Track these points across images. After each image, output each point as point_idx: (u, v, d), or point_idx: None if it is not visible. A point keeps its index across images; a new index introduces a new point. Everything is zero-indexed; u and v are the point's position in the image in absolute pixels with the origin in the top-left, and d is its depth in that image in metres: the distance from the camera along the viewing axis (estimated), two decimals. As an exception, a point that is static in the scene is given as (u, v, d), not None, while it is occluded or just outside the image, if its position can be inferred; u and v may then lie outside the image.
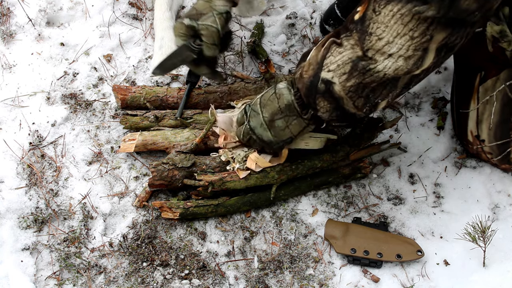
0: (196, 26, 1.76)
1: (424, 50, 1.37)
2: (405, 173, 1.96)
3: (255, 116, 1.71)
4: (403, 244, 1.78)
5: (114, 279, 1.73)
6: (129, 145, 1.90)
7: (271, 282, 1.74)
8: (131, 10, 2.32)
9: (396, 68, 1.41)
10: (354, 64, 1.44)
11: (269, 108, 1.68)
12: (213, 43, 1.77)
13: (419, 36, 1.34)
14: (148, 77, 2.14)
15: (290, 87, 1.65)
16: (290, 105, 1.65)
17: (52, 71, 2.14)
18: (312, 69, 1.53)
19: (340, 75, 1.47)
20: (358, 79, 1.46)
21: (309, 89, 1.56)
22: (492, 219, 1.85)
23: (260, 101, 1.70)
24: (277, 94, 1.67)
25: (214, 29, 1.76)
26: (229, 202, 1.82)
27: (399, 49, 1.37)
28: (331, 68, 1.49)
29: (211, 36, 1.76)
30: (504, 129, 1.85)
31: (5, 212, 1.81)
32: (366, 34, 1.40)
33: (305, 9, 2.35)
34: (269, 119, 1.69)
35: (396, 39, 1.36)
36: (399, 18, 1.33)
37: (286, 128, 1.69)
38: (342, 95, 1.50)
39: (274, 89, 1.68)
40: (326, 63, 1.50)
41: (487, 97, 1.84)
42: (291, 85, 1.66)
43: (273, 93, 1.68)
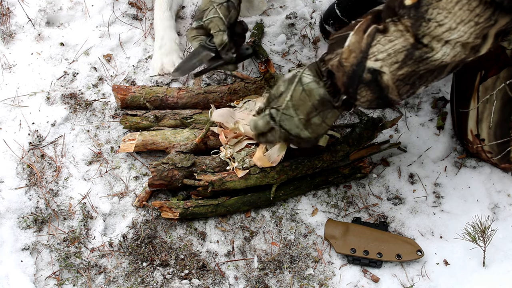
0: (203, 24, 1.76)
1: (484, 37, 1.33)
2: (405, 173, 1.96)
3: (288, 119, 1.59)
4: (403, 244, 1.78)
5: (114, 279, 1.73)
6: (129, 145, 1.90)
7: (271, 282, 1.74)
8: (131, 10, 2.32)
9: (454, 55, 1.35)
10: (409, 53, 1.37)
11: (303, 108, 1.56)
12: (219, 30, 1.74)
13: (484, 21, 1.30)
14: (148, 77, 2.14)
15: (318, 79, 1.55)
16: (324, 99, 1.54)
17: (52, 71, 2.14)
18: (354, 57, 1.44)
19: (391, 64, 1.40)
20: (412, 67, 1.39)
21: (351, 79, 1.46)
22: (492, 219, 1.85)
23: (292, 104, 1.57)
24: (306, 91, 1.55)
25: (216, 17, 1.75)
26: (229, 202, 1.82)
27: (460, 36, 1.32)
28: (379, 57, 1.40)
29: (216, 25, 1.75)
30: (504, 128, 1.85)
31: (5, 212, 1.81)
32: (423, 20, 1.33)
33: (305, 9, 2.35)
34: (305, 120, 1.57)
35: (459, 25, 1.30)
36: (466, 4, 1.28)
37: (322, 123, 1.59)
38: (390, 84, 1.43)
39: (301, 85, 1.56)
40: (373, 52, 1.40)
41: (487, 96, 1.84)
42: (317, 76, 1.55)
43: (302, 90, 1.55)
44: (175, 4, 2.28)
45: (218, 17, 1.75)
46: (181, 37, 2.25)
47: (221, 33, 1.75)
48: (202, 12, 1.77)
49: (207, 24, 1.76)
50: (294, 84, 1.57)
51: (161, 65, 2.14)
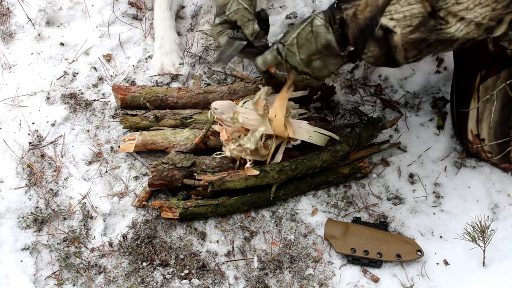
0: (227, 18, 1.73)
1: (499, 21, 1.34)
2: (405, 173, 1.96)
3: (291, 56, 1.63)
4: (403, 244, 1.78)
5: (114, 279, 1.73)
6: (128, 145, 1.90)
7: (271, 282, 1.74)
8: (131, 10, 2.32)
9: (467, 32, 1.37)
10: (424, 20, 1.39)
11: (305, 48, 1.60)
12: (248, 20, 1.72)
13: (502, 8, 1.31)
14: (148, 77, 2.14)
15: (328, 25, 1.56)
16: (329, 45, 1.56)
17: (52, 71, 2.14)
18: (369, 11, 1.45)
19: (405, 27, 1.41)
20: (423, 34, 1.41)
21: (362, 32, 1.48)
22: (491, 218, 1.85)
23: (297, 41, 1.60)
24: (314, 33, 1.57)
25: (241, 8, 1.72)
26: (228, 202, 1.82)
27: (475, 16, 1.33)
28: (395, 16, 1.41)
29: (243, 16, 1.72)
30: (504, 128, 1.85)
31: (5, 212, 1.81)
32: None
33: (305, 9, 2.35)
34: (306, 60, 1.61)
35: (477, 7, 1.32)
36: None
37: (324, 68, 1.62)
38: (399, 45, 1.44)
39: (310, 26, 1.58)
40: (390, 10, 1.42)
41: (487, 96, 1.84)
42: (329, 22, 1.56)
43: (310, 31, 1.57)
44: (175, 4, 2.28)
45: (243, 7, 1.71)
46: (181, 37, 2.25)
47: (250, 22, 1.72)
48: (223, 6, 1.73)
49: (232, 17, 1.72)
50: (304, 23, 1.60)
51: (161, 65, 2.14)
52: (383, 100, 2.11)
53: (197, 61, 2.19)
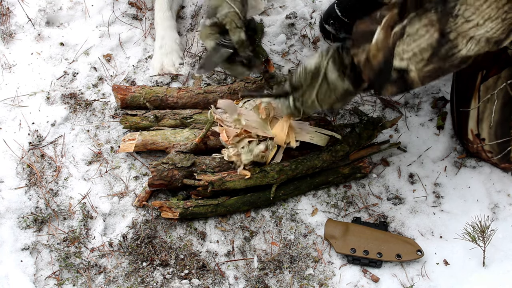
0: (217, 20, 1.71)
1: (509, 32, 1.34)
2: (405, 173, 1.96)
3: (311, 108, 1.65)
4: (403, 244, 1.78)
5: (114, 279, 1.73)
6: (128, 145, 1.90)
7: (271, 282, 1.74)
8: (130, 10, 2.32)
9: (478, 49, 1.37)
10: (435, 50, 1.38)
11: (326, 102, 1.60)
12: (236, 26, 1.70)
13: (511, 18, 1.31)
14: (148, 77, 2.14)
15: (342, 74, 1.54)
16: (347, 91, 1.57)
17: (52, 71, 2.14)
18: (382, 55, 1.44)
19: (417, 62, 1.41)
20: (438, 64, 1.40)
21: (378, 76, 1.47)
22: (491, 218, 1.85)
23: (317, 100, 1.60)
24: (330, 87, 1.57)
25: (232, 12, 1.70)
26: (228, 202, 1.82)
27: (486, 32, 1.33)
28: (405, 56, 1.41)
29: (232, 21, 1.70)
30: (505, 128, 1.85)
31: (5, 212, 1.81)
32: (450, 16, 1.33)
33: (305, 9, 2.35)
34: (328, 108, 1.66)
35: (487, 22, 1.31)
36: (494, 2, 1.29)
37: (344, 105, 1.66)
38: (415, 80, 1.44)
39: (326, 82, 1.57)
40: (398, 52, 1.41)
41: (488, 95, 1.84)
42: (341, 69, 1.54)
43: (327, 87, 1.57)
44: (176, 4, 2.28)
45: (233, 11, 1.70)
46: (181, 37, 2.25)
47: (238, 30, 1.71)
48: (215, 9, 1.72)
49: (222, 20, 1.71)
50: (319, 81, 1.57)
51: (161, 65, 2.14)
52: (383, 100, 2.11)
53: (197, 61, 2.19)
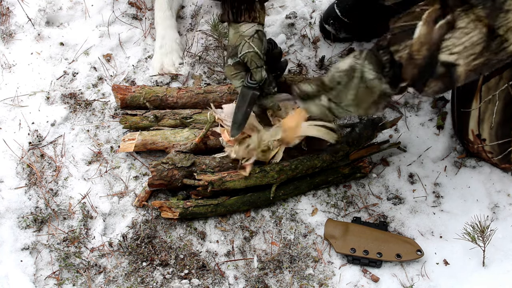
0: (240, 60, 1.76)
1: None
2: (405, 172, 1.96)
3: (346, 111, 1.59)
4: (402, 243, 1.78)
5: (113, 279, 1.73)
6: (128, 144, 1.90)
7: (271, 281, 1.74)
8: (130, 10, 2.32)
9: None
10: (487, 44, 1.35)
11: (364, 104, 1.54)
12: (256, 66, 1.75)
13: None
14: (148, 76, 2.14)
15: (381, 74, 1.48)
16: (385, 93, 1.51)
17: (52, 70, 2.14)
18: (427, 49, 1.40)
19: (467, 56, 1.37)
20: (487, 57, 1.37)
21: (423, 72, 1.43)
22: (491, 218, 1.85)
23: (356, 102, 1.54)
24: (369, 88, 1.51)
25: (252, 53, 1.74)
26: (228, 202, 1.82)
27: None
28: (454, 50, 1.37)
29: (252, 61, 1.74)
30: (506, 129, 1.85)
31: (5, 211, 1.81)
32: (501, 11, 1.31)
33: (305, 8, 2.35)
34: (363, 112, 1.58)
35: None
36: None
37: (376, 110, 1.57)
38: (462, 74, 1.40)
39: (364, 83, 1.51)
40: (447, 45, 1.37)
41: (489, 96, 1.84)
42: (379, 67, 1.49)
43: (365, 88, 1.51)
44: (176, 4, 2.28)
45: (253, 51, 1.74)
46: (181, 37, 2.25)
47: (259, 69, 1.75)
48: (235, 48, 1.76)
49: (243, 59, 1.75)
50: (355, 81, 1.52)
51: (161, 64, 2.14)
52: (383, 100, 2.10)
53: (197, 61, 2.19)
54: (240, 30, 1.76)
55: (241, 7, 1.75)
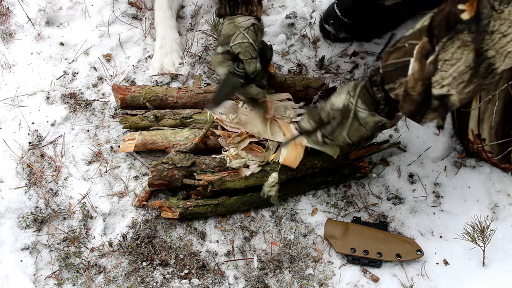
0: (230, 49, 1.74)
1: None
2: (405, 172, 1.96)
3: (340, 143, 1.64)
4: (402, 243, 1.78)
5: (113, 279, 1.73)
6: (128, 144, 1.90)
7: (271, 281, 1.74)
8: (130, 10, 2.32)
9: None
10: (474, 71, 1.36)
11: (357, 134, 1.59)
12: (251, 57, 1.74)
13: None
14: (148, 76, 2.14)
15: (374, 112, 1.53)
16: (378, 123, 1.57)
17: (52, 70, 2.14)
18: (421, 85, 1.42)
19: (457, 85, 1.39)
20: (478, 82, 1.38)
21: (419, 107, 1.45)
22: (491, 218, 1.85)
23: (349, 136, 1.59)
24: (362, 124, 1.56)
25: (246, 43, 1.73)
26: (228, 201, 1.82)
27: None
28: (445, 83, 1.39)
29: (246, 51, 1.73)
30: (506, 128, 1.85)
31: (5, 211, 1.81)
32: (486, 33, 1.31)
33: (305, 8, 2.35)
34: (357, 140, 1.63)
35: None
36: None
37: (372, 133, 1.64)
38: (456, 103, 1.42)
39: (357, 121, 1.55)
40: (436, 80, 1.40)
41: (489, 96, 1.84)
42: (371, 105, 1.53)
43: (358, 125, 1.56)
44: (176, 3, 2.28)
45: (248, 42, 1.72)
46: (181, 37, 2.25)
47: (253, 60, 1.74)
48: (228, 37, 1.74)
49: (235, 49, 1.73)
50: (349, 120, 1.56)
51: (161, 64, 2.14)
52: (383, 100, 2.10)
53: (197, 61, 2.19)
54: (236, 21, 1.75)
55: (238, 0, 1.75)
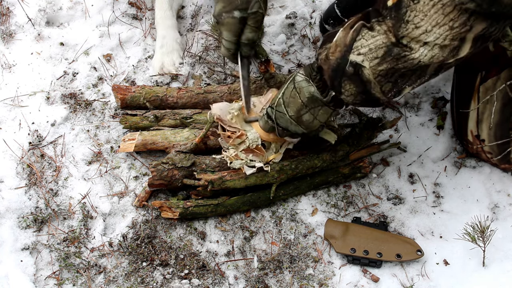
0: (247, 16, 1.74)
1: (461, 40, 1.36)
2: (405, 172, 1.96)
3: (282, 117, 1.69)
4: (402, 243, 1.78)
5: (113, 279, 1.73)
6: (128, 144, 1.90)
7: (271, 281, 1.74)
8: (130, 10, 2.32)
9: (432, 56, 1.39)
10: (389, 49, 1.42)
11: (293, 105, 1.66)
12: (258, 27, 1.77)
13: (459, 26, 1.33)
14: (148, 77, 2.14)
15: (308, 78, 1.63)
16: (313, 97, 1.63)
17: (52, 70, 2.14)
18: (339, 51, 1.49)
19: (372, 59, 1.45)
20: (391, 64, 1.43)
21: (335, 71, 1.52)
22: (491, 218, 1.85)
23: (283, 100, 1.67)
24: (297, 88, 1.64)
25: (260, 14, 1.75)
26: (228, 201, 1.82)
27: (436, 38, 1.36)
28: (361, 51, 1.45)
29: (257, 21, 1.76)
30: (504, 129, 1.85)
31: (5, 211, 1.81)
32: (402, 21, 1.37)
33: (305, 8, 2.35)
34: (296, 116, 1.67)
35: (434, 28, 1.34)
36: (440, 8, 1.31)
37: (314, 120, 1.67)
38: (370, 78, 1.47)
39: (293, 83, 1.65)
40: (356, 46, 1.46)
41: (487, 96, 1.84)
42: (309, 73, 1.63)
43: (293, 88, 1.64)
44: (176, 3, 2.28)
45: (261, 13, 1.75)
46: (182, 36, 2.25)
47: (257, 30, 1.77)
48: (247, 3, 1.73)
49: (251, 17, 1.75)
50: (288, 82, 1.67)
51: (162, 64, 2.14)
52: (383, 100, 2.10)
53: (197, 61, 2.19)
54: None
55: None
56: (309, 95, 1.62)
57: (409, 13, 1.36)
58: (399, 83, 1.48)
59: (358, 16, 1.50)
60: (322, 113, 1.66)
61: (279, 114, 1.69)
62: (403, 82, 1.48)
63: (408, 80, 1.47)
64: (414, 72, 1.45)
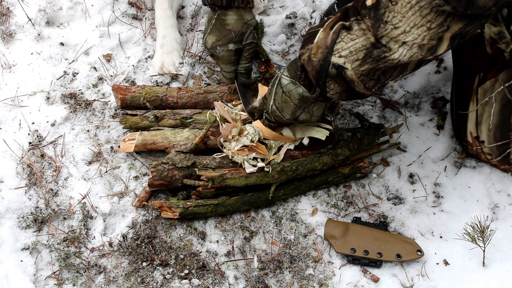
0: (242, 48, 1.90)
1: (439, 39, 1.38)
2: (405, 173, 1.96)
3: (280, 118, 1.77)
4: (402, 243, 1.78)
5: (113, 279, 1.73)
6: (128, 145, 1.90)
7: (271, 281, 1.74)
8: (130, 10, 2.32)
9: (411, 55, 1.42)
10: (368, 51, 1.45)
11: (287, 109, 1.72)
12: (252, 57, 1.92)
13: (436, 27, 1.35)
14: (148, 76, 2.14)
15: (295, 79, 1.67)
16: (303, 97, 1.67)
17: (52, 71, 2.14)
18: (321, 53, 1.53)
19: (353, 61, 1.48)
20: (372, 65, 1.46)
21: (319, 73, 1.55)
22: (491, 218, 1.86)
23: (276, 107, 1.73)
24: (286, 92, 1.69)
25: (254, 44, 1.90)
26: (228, 201, 1.82)
27: (414, 38, 1.38)
28: (342, 54, 1.48)
29: (252, 52, 1.91)
30: (504, 130, 1.85)
31: (5, 211, 1.81)
32: (381, 22, 1.39)
33: (305, 8, 2.35)
34: (292, 118, 1.74)
35: (413, 29, 1.37)
36: (418, 10, 1.34)
37: (312, 117, 1.73)
38: (354, 78, 1.51)
39: (280, 87, 1.70)
40: (337, 49, 1.49)
41: (486, 98, 1.84)
42: (294, 73, 1.67)
43: (282, 93, 1.69)
44: (176, 3, 2.28)
45: (256, 43, 1.91)
46: (182, 36, 2.25)
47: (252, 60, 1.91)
48: (241, 35, 1.88)
49: (246, 49, 1.90)
50: (275, 86, 1.72)
51: (162, 64, 2.14)
52: (383, 100, 2.11)
53: (197, 61, 2.19)
54: (245, 17, 1.86)
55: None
56: (299, 97, 1.67)
57: (388, 14, 1.38)
58: (381, 79, 1.52)
59: (337, 15, 1.52)
60: (316, 109, 1.71)
61: (277, 117, 1.76)
62: (386, 78, 1.52)
63: (390, 75, 1.51)
64: (395, 68, 1.48)
